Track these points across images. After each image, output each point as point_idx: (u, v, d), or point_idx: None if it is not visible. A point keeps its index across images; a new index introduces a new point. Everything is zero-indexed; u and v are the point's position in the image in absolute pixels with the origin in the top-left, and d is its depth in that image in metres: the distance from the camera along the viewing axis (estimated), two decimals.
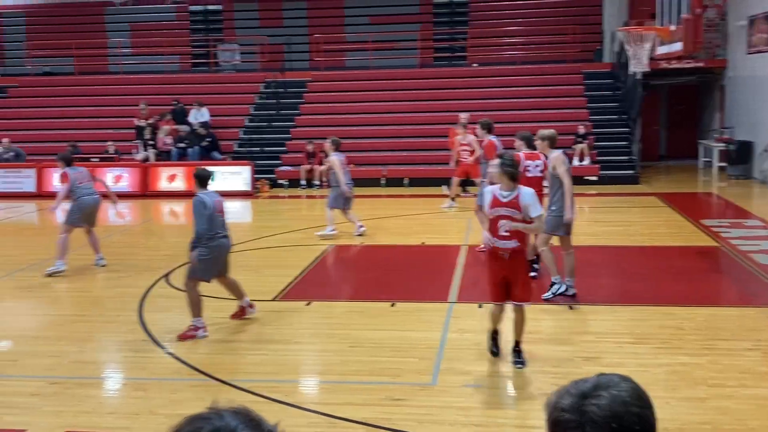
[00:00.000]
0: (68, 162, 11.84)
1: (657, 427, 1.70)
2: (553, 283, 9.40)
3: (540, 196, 10.81)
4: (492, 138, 12.18)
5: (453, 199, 16.17)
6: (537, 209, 6.99)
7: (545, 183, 9.87)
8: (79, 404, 6.47)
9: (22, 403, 6.53)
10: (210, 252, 8.20)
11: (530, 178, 9.58)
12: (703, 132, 24.36)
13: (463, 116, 17.16)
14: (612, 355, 7.35)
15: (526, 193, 6.95)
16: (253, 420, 1.57)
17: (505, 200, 6.83)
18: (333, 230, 13.53)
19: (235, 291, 8.71)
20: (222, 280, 8.61)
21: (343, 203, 13.44)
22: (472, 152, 15.46)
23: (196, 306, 8.25)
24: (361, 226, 13.54)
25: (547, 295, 9.33)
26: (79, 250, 12.46)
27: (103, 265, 11.81)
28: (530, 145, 10.06)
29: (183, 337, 8.10)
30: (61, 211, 11.96)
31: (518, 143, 10.20)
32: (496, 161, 8.36)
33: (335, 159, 13.47)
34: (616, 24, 22.57)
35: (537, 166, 9.95)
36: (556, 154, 9.26)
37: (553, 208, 9.32)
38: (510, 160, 7.07)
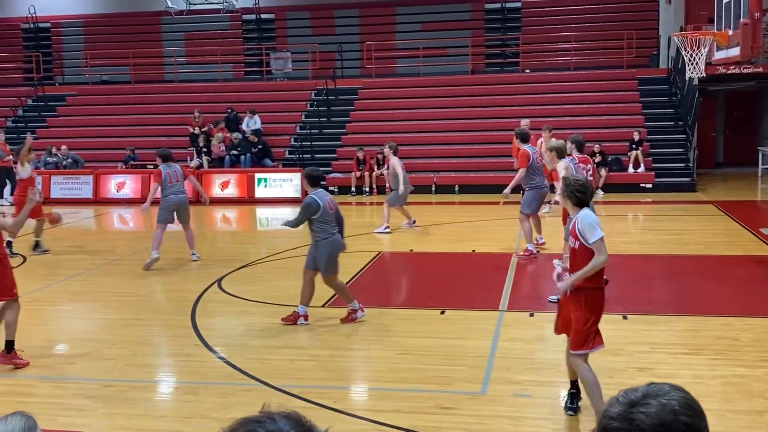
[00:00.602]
0: (165, 158, 12.47)
1: None
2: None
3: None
4: (526, 147, 12.16)
5: (548, 202, 15.07)
6: (594, 233, 5.73)
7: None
8: (132, 407, 6.58)
9: (78, 405, 6.67)
10: (331, 246, 8.63)
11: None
12: (762, 138, 23.84)
13: (524, 122, 17.07)
14: (666, 366, 7.20)
15: (582, 216, 5.86)
16: (304, 426, 1.56)
17: (570, 228, 6.00)
18: (387, 228, 14.52)
19: (343, 291, 9.06)
20: (313, 275, 8.79)
21: (402, 203, 14.61)
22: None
23: (345, 293, 8.92)
24: (414, 222, 14.92)
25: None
26: (133, 256, 12.72)
27: (195, 260, 12.58)
28: (581, 149, 10.68)
29: (346, 321, 8.74)
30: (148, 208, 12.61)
31: (570, 146, 10.35)
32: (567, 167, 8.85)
33: (397, 162, 14.38)
34: (672, 29, 22.19)
35: (587, 170, 10.44)
36: (561, 164, 9.77)
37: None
38: (573, 183, 6.03)
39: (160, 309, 9.84)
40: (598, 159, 18.77)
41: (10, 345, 7.49)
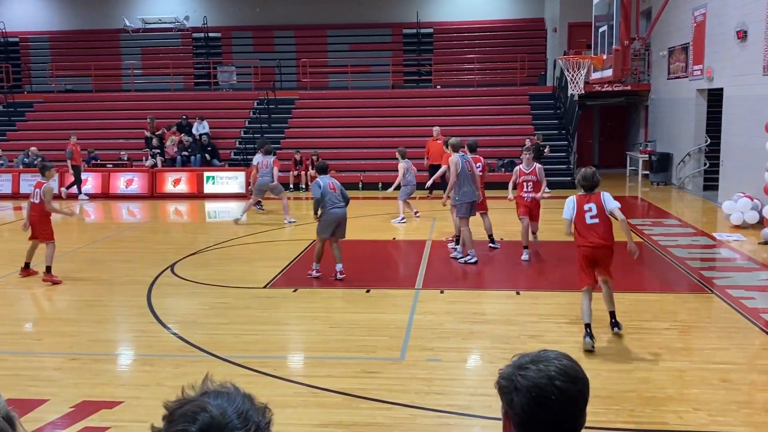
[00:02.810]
0: (267, 152, 15.04)
1: (585, 399, 1.69)
2: (468, 254, 10.60)
3: (483, 193, 11.31)
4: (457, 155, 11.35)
5: (526, 247, 11.03)
6: (563, 213, 7.33)
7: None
8: (96, 377, 6.39)
9: (46, 376, 6.44)
10: (328, 217, 9.55)
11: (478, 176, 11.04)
12: (629, 145, 24.65)
13: (436, 130, 17.08)
14: (552, 334, 7.40)
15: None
16: (236, 403, 1.41)
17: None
18: (404, 219, 14.73)
19: (336, 254, 9.77)
20: (332, 241, 9.75)
21: (408, 196, 14.92)
22: (537, 185, 10.87)
23: (318, 256, 9.77)
24: (417, 213, 15.14)
25: (462, 260, 10.64)
26: (95, 244, 12.32)
27: (290, 222, 14.65)
28: (473, 150, 11.38)
29: (306, 276, 9.66)
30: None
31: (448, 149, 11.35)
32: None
33: (403, 164, 14.92)
34: (557, 53, 22.75)
35: (478, 167, 11.17)
36: (452, 157, 10.50)
37: (457, 198, 10.51)
38: (579, 177, 7.39)
39: (119, 291, 9.55)
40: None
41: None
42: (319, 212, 9.62)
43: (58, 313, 8.68)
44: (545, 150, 19.08)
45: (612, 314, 7.23)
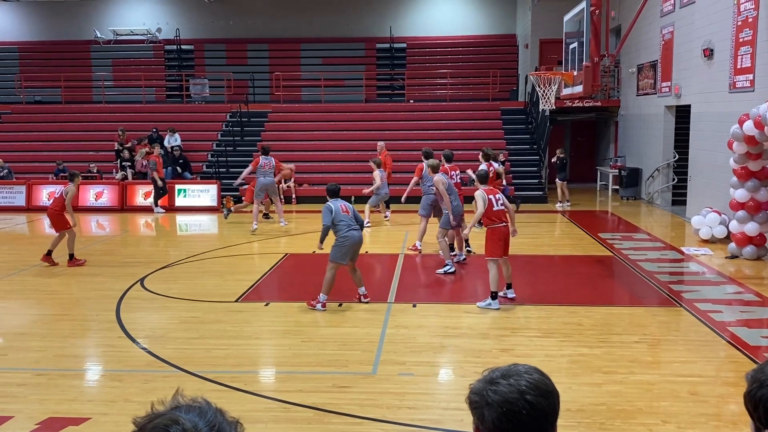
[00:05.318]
0: (266, 152, 15.27)
1: (555, 413, 1.70)
2: (446, 264, 10.99)
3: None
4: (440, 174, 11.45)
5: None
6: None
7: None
8: (62, 393, 6.27)
9: (11, 392, 6.30)
10: (343, 241, 8.79)
11: (456, 183, 12.09)
12: (599, 160, 24.97)
13: (380, 144, 17.24)
14: (524, 348, 7.43)
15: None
16: (207, 415, 1.41)
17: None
18: (369, 223, 15.25)
19: (357, 278, 9.20)
20: (350, 265, 9.08)
21: (378, 203, 15.69)
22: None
23: (327, 285, 8.88)
24: (386, 216, 16.05)
25: (440, 271, 10.94)
26: (62, 258, 12.11)
27: (283, 225, 15.40)
28: (450, 160, 12.37)
29: (309, 304, 8.98)
30: (242, 182, 16.13)
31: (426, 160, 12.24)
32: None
33: (378, 173, 15.38)
34: (528, 69, 23.04)
35: (458, 174, 12.44)
36: (437, 177, 11.12)
37: (450, 213, 11.12)
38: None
39: (87, 305, 9.40)
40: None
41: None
42: (329, 237, 8.95)
43: (24, 327, 8.50)
44: (566, 163, 19.38)
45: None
